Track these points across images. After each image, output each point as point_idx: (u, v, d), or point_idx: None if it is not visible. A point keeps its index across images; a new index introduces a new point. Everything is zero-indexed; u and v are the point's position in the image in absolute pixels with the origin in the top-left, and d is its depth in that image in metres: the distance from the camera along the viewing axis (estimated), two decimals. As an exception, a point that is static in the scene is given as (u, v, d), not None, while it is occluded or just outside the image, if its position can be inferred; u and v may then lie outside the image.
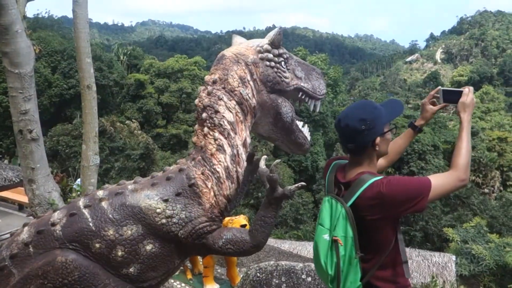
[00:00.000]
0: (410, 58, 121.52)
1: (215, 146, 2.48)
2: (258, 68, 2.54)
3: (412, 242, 20.99)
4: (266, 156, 2.55)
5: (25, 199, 8.95)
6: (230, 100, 2.50)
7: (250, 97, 2.52)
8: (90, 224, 2.37)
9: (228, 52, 2.61)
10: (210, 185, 2.45)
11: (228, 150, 2.48)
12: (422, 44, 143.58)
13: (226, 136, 2.48)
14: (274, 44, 2.59)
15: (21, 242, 2.42)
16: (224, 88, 2.51)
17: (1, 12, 4.23)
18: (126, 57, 52.28)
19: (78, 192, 6.95)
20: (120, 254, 2.36)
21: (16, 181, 11.39)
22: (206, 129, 2.51)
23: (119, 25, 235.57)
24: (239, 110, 2.51)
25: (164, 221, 2.39)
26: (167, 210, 2.40)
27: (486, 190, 36.86)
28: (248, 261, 5.94)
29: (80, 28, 6.58)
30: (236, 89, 2.49)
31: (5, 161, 21.78)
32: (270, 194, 2.37)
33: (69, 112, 39.91)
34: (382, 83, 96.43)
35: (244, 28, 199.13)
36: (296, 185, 2.33)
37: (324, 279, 2.09)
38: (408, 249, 14.01)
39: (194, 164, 2.51)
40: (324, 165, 2.67)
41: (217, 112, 2.48)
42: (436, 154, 37.08)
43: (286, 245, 12.29)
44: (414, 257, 12.26)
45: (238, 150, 2.51)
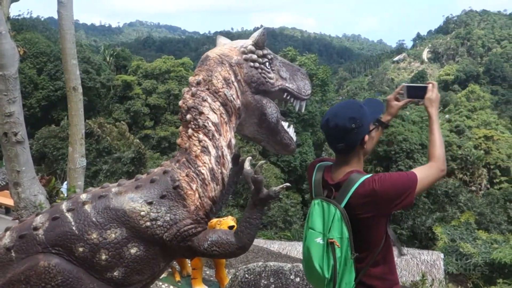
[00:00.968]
0: (397, 58, 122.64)
1: (200, 147, 2.46)
2: (242, 69, 2.53)
3: (400, 240, 21.13)
4: (250, 157, 2.54)
5: (11, 202, 8.84)
6: (215, 101, 2.48)
7: (234, 98, 2.50)
8: (73, 227, 2.34)
9: (212, 53, 2.60)
10: (195, 187, 2.44)
11: (212, 151, 2.47)
12: (409, 43, 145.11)
13: (211, 137, 2.46)
14: (258, 44, 2.58)
15: (2, 247, 2.38)
16: (208, 89, 2.49)
17: (-18, 13, 4.17)
18: (113, 58, 51.94)
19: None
20: (104, 257, 2.33)
21: (2, 184, 11.25)
22: (190, 130, 2.49)
23: (107, 26, 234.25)
24: (224, 111, 2.49)
25: (148, 224, 2.37)
26: (152, 213, 2.38)
27: (474, 188, 37.27)
28: (236, 262, 5.93)
29: (65, 29, 6.53)
30: (220, 90, 2.48)
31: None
32: (255, 195, 2.37)
33: (56, 114, 39.54)
34: (370, 83, 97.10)
35: (232, 28, 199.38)
36: (280, 186, 2.33)
37: (317, 283, 2.08)
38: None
39: (179, 166, 2.49)
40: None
41: (201, 113, 2.47)
42: (424, 153, 37.29)
43: (275, 245, 12.29)
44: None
45: (223, 152, 2.49)
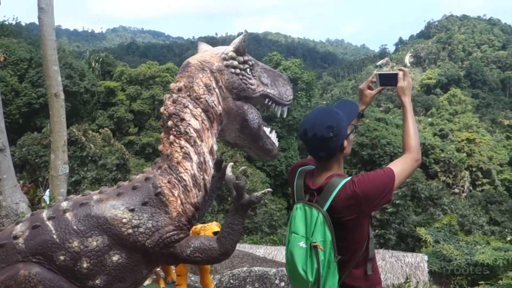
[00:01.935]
0: (380, 62, 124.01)
1: (181, 154, 2.46)
2: (224, 75, 2.54)
3: (386, 244, 21.31)
4: (232, 163, 2.55)
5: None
6: (196, 107, 2.49)
7: (216, 104, 2.51)
8: (54, 236, 2.33)
9: (193, 59, 2.61)
10: (176, 193, 2.44)
11: (194, 157, 2.47)
12: (391, 48, 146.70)
13: (192, 143, 2.47)
14: (239, 51, 2.60)
15: (-18, 257, 2.35)
16: (189, 95, 2.50)
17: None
18: (99, 64, 51.52)
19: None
20: (85, 266, 2.32)
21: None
22: (172, 137, 2.49)
23: (89, 31, 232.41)
24: (205, 118, 2.50)
25: (130, 231, 2.36)
26: (134, 220, 2.37)
27: (457, 190, 37.78)
28: (221, 267, 5.92)
29: (46, 35, 6.48)
30: (201, 96, 2.49)
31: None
32: (237, 201, 2.38)
33: (38, 121, 38.96)
34: (354, 87, 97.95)
35: (216, 34, 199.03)
36: (262, 191, 2.35)
37: (301, 287, 2.08)
38: (382, 250, 14.22)
39: (161, 172, 2.49)
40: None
41: (182, 119, 2.47)
42: (407, 156, 37.84)
43: (261, 250, 12.29)
44: (388, 258, 12.45)
45: (204, 158, 2.50)
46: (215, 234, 4.45)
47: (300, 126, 2.20)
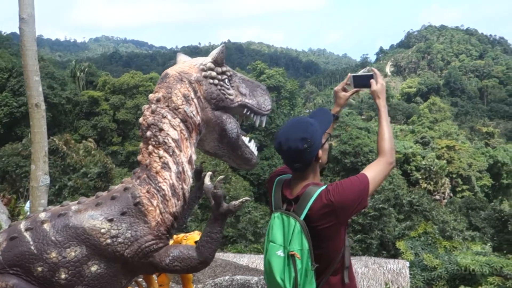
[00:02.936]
0: (361, 71, 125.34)
1: (160, 164, 2.48)
2: (202, 86, 2.58)
3: (368, 249, 21.44)
4: (211, 172, 2.58)
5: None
6: (174, 118, 2.51)
7: (194, 114, 2.55)
8: (32, 247, 2.32)
9: (171, 70, 2.64)
10: (155, 203, 2.45)
11: (173, 167, 2.49)
12: (372, 57, 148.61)
13: (171, 153, 2.49)
14: (217, 62, 2.64)
15: (-41, 269, 2.33)
16: (168, 106, 2.53)
17: None
18: (84, 74, 51.10)
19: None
20: (63, 277, 2.31)
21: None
22: (150, 147, 2.52)
23: (72, 41, 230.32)
24: (184, 128, 2.53)
25: (109, 241, 2.37)
26: (112, 230, 2.38)
27: (438, 197, 38.36)
28: (204, 277, 5.91)
29: (27, 46, 6.42)
30: (180, 107, 2.52)
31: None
32: (215, 210, 2.41)
33: (19, 130, 38.35)
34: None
35: (199, 43, 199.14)
36: (240, 200, 2.38)
37: None
38: (364, 257, 14.31)
39: (139, 182, 2.50)
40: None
41: (161, 130, 2.49)
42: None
43: (245, 259, 12.27)
44: (370, 264, 12.54)
45: (183, 167, 2.52)
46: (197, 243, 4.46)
47: (275, 139, 2.24)
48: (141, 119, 2.59)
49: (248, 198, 2.44)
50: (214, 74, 2.62)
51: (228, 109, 2.67)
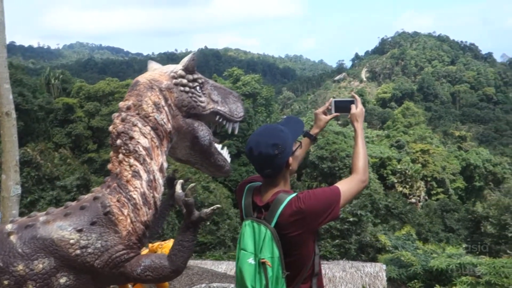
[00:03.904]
0: (338, 77, 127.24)
1: (131, 172, 2.46)
2: (173, 93, 2.57)
3: (347, 254, 21.61)
4: (182, 180, 2.57)
5: None
6: (145, 125, 2.50)
7: (165, 122, 2.53)
8: None
9: (142, 78, 2.63)
10: (126, 212, 2.42)
11: (144, 176, 2.47)
12: (348, 63, 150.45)
13: (142, 162, 2.47)
14: (188, 69, 2.64)
15: None
16: (138, 114, 2.51)
17: None
18: (58, 81, 50.20)
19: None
20: None
21: None
22: (121, 155, 2.49)
23: (45, 48, 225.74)
24: (155, 136, 2.51)
25: (78, 252, 2.32)
26: (82, 240, 2.34)
27: (413, 200, 39.02)
28: (180, 285, 5.85)
29: (-5, 53, 6.29)
30: (150, 114, 2.50)
31: None
32: (187, 218, 2.39)
33: (-11, 140, 37.38)
34: (313, 101, 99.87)
35: (176, 49, 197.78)
36: (211, 208, 2.38)
37: None
38: (342, 261, 14.43)
39: (110, 191, 2.47)
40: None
41: (131, 138, 2.47)
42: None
43: (223, 266, 12.17)
44: (348, 268, 12.63)
45: (154, 176, 2.50)
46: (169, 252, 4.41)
47: (246, 145, 2.25)
48: (111, 127, 2.56)
49: (219, 205, 2.43)
50: (185, 81, 2.61)
51: (200, 116, 2.66)
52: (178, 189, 2.47)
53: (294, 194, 2.12)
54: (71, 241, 2.33)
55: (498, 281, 11.69)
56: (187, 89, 2.61)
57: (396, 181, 40.22)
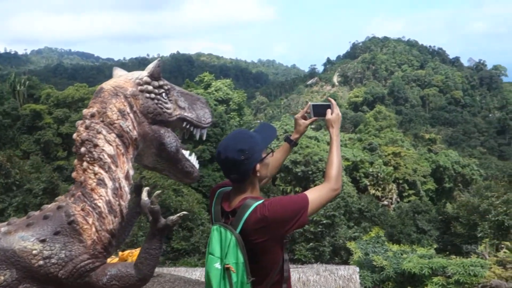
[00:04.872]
0: (310, 82, 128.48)
1: (95, 180, 2.42)
2: (138, 100, 2.55)
3: (321, 256, 21.78)
4: (148, 188, 2.55)
5: None
6: (110, 133, 2.47)
7: (130, 129, 2.51)
8: None
9: (106, 85, 2.59)
10: (91, 221, 2.38)
11: (109, 183, 2.44)
12: (320, 68, 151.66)
13: (107, 169, 2.44)
14: (153, 76, 2.62)
15: None
16: (102, 121, 2.48)
17: None
18: (25, 87, 48.93)
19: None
20: None
21: None
22: (85, 163, 2.45)
23: (12, 53, 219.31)
24: (120, 143, 2.48)
25: (41, 262, 2.27)
26: (45, 251, 2.29)
27: (386, 202, 39.68)
28: (152, 294, 5.77)
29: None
30: (115, 121, 2.47)
31: None
32: (153, 226, 2.37)
33: (-46, 149, 36.08)
34: (286, 106, 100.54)
35: (148, 55, 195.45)
36: (178, 215, 2.36)
37: None
38: (316, 265, 14.54)
39: (74, 200, 2.43)
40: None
41: (96, 145, 2.44)
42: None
43: (197, 273, 12.10)
44: (322, 272, 12.74)
45: (120, 183, 2.47)
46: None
47: (217, 148, 2.26)
48: (75, 135, 2.52)
49: (185, 212, 2.43)
50: (150, 88, 2.59)
51: (166, 123, 2.65)
52: (144, 196, 2.45)
53: (261, 201, 2.12)
54: (34, 251, 2.28)
55: (467, 279, 12.03)
56: (153, 95, 2.59)
57: (368, 183, 40.82)
